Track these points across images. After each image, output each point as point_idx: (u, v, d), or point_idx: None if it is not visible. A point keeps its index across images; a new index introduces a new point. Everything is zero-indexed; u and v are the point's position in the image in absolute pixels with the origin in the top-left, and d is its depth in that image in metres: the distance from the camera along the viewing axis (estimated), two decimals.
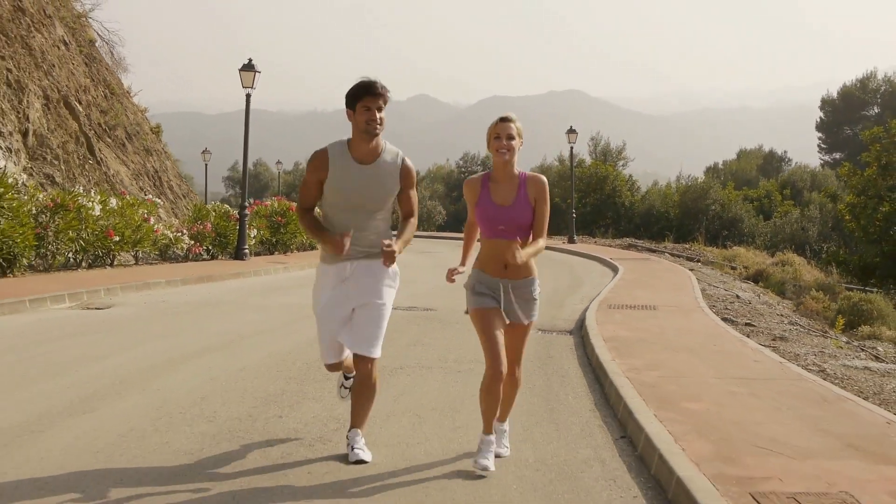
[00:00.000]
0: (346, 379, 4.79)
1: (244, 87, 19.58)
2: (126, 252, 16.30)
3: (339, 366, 4.55)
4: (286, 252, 22.32)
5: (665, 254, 26.53)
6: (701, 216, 42.59)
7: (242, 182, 20.45)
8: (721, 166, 67.46)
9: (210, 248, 19.24)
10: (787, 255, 27.00)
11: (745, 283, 19.60)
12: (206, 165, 47.96)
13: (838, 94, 66.25)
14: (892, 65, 73.11)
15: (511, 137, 4.18)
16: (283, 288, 13.91)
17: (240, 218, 19.29)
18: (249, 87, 19.56)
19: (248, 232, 19.70)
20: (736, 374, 6.57)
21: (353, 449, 4.36)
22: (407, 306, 10.90)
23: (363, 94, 4.15)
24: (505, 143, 4.17)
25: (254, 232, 20.47)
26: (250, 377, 6.45)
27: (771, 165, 67.83)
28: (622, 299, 12.17)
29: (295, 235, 22.06)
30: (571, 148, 35.06)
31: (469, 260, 4.47)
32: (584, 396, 6.19)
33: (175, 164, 26.52)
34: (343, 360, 4.54)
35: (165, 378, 6.36)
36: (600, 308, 10.95)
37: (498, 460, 4.34)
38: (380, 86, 4.16)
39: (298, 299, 11.77)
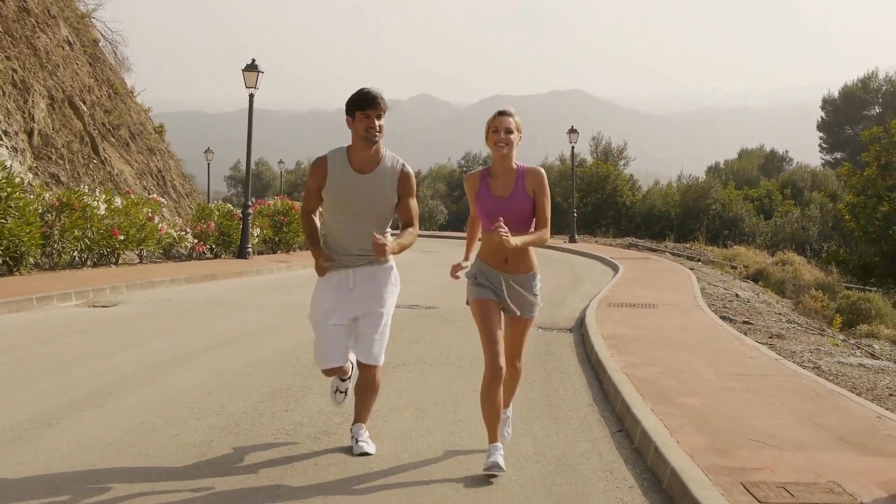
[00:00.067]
0: (342, 381, 4.76)
1: (247, 87, 19.71)
2: (130, 251, 16.45)
3: (335, 371, 4.55)
4: (289, 251, 22.46)
5: (666, 253, 26.64)
6: (702, 216, 42.71)
7: (245, 181, 20.58)
8: (722, 166, 67.56)
9: (213, 246, 19.39)
10: (787, 254, 27.12)
11: (745, 282, 19.70)
12: (209, 165, 48.09)
13: (839, 93, 66.32)
14: (894, 65, 73.14)
15: (509, 131, 4.17)
16: (285, 286, 14.04)
17: (243, 217, 19.43)
18: (253, 88, 19.69)
19: (251, 231, 19.84)
20: (732, 371, 6.69)
21: (357, 441, 4.49)
22: (409, 304, 11.03)
23: (363, 104, 4.21)
24: (503, 137, 4.16)
25: (257, 231, 20.61)
26: (256, 373, 6.59)
27: (772, 165, 67.93)
28: (622, 298, 12.29)
29: (297, 234, 22.18)
30: (573, 148, 35.19)
31: (472, 255, 4.49)
32: (583, 392, 6.31)
33: (178, 164, 26.66)
34: (340, 368, 4.53)
35: (172, 374, 6.49)
36: (600, 306, 11.08)
37: None
38: (379, 95, 4.22)
39: (301, 298, 11.88)
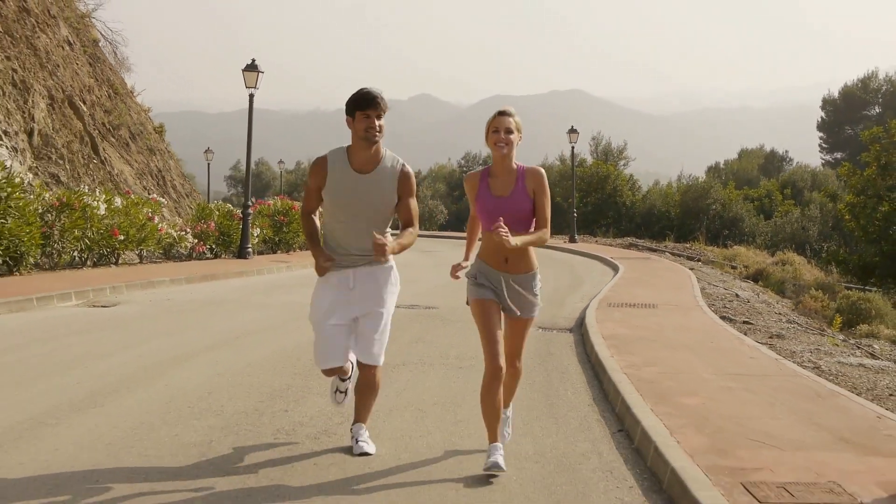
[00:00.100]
0: (342, 381, 4.75)
1: (247, 87, 19.71)
2: (130, 251, 16.45)
3: (335, 371, 4.54)
4: (289, 251, 22.46)
5: (666, 253, 26.64)
6: (702, 216, 42.74)
7: (245, 182, 20.59)
8: (722, 166, 67.60)
9: (213, 246, 19.39)
10: (787, 254, 27.13)
11: (745, 282, 19.70)
12: (209, 165, 48.10)
13: (839, 93, 66.36)
14: (894, 65, 73.17)
15: (509, 131, 4.17)
16: (285, 286, 14.04)
17: (243, 217, 19.44)
18: (253, 88, 19.69)
19: (251, 231, 19.84)
20: (732, 371, 6.69)
21: (357, 441, 4.49)
22: (409, 304, 11.03)
23: (363, 104, 4.22)
24: (503, 137, 4.16)
25: (257, 231, 20.61)
26: (256, 373, 6.59)
27: (772, 165, 67.96)
28: (622, 298, 12.29)
29: (297, 235, 22.19)
30: (573, 148, 35.20)
31: (472, 255, 4.48)
32: (583, 392, 6.31)
33: (178, 164, 26.66)
34: (340, 368, 4.52)
35: (172, 374, 6.49)
36: (600, 306, 11.08)
37: None
38: (379, 95, 4.22)
39: (301, 298, 11.88)
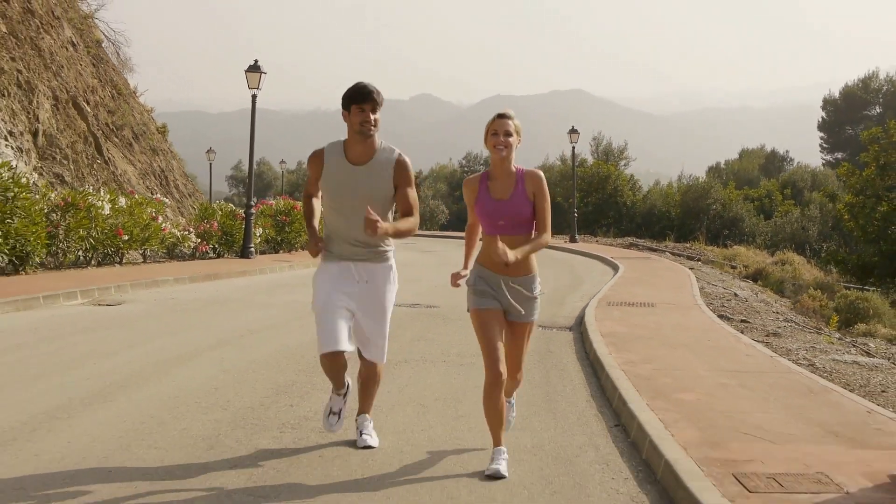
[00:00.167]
0: (338, 396, 4.60)
1: (250, 87, 19.86)
2: (134, 250, 16.59)
3: (338, 361, 4.35)
4: (291, 251, 22.60)
5: (666, 253, 26.78)
6: (702, 216, 42.87)
7: (248, 182, 20.72)
8: (723, 166, 67.68)
9: (216, 246, 19.53)
10: (786, 254, 27.26)
11: (745, 281, 19.83)
12: (211, 165, 48.25)
13: (840, 93, 66.38)
14: (894, 65, 73.23)
15: (508, 134, 4.18)
16: (288, 286, 14.17)
17: (246, 217, 19.58)
18: (255, 88, 19.84)
19: (254, 231, 19.99)
20: (728, 368, 6.82)
21: (361, 434, 4.62)
22: (411, 303, 11.16)
23: (358, 98, 4.27)
24: (502, 140, 4.17)
25: (259, 231, 20.76)
26: (261, 369, 6.73)
27: (773, 165, 68.05)
28: (621, 297, 12.42)
29: (299, 234, 22.33)
30: (573, 148, 35.35)
31: (471, 262, 4.47)
32: (581, 388, 6.44)
33: (181, 164, 26.80)
34: (343, 355, 4.35)
35: (179, 371, 6.63)
36: (599, 305, 11.21)
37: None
38: (374, 91, 4.26)
39: (304, 297, 12.01)
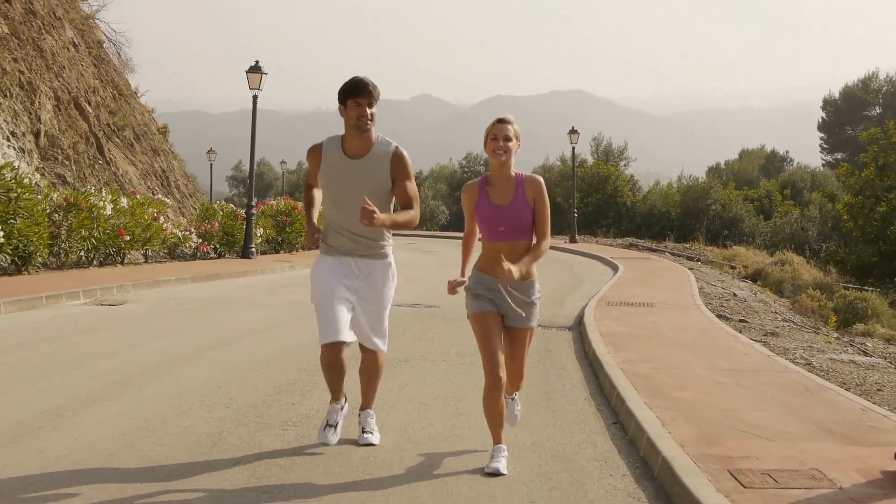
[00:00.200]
0: (336, 406, 4.60)
1: (251, 88, 19.93)
2: (136, 250, 16.65)
3: (339, 355, 4.37)
4: (291, 251, 22.67)
5: (665, 253, 26.84)
6: (702, 216, 42.94)
7: (249, 182, 20.78)
8: (723, 166, 67.76)
9: (217, 246, 19.60)
10: (786, 254, 27.30)
11: (744, 282, 19.88)
12: (212, 165, 48.33)
13: (840, 94, 66.48)
14: (894, 65, 73.27)
15: (508, 139, 4.17)
16: (289, 286, 14.23)
17: (246, 217, 19.65)
18: (256, 89, 19.91)
19: (255, 231, 20.06)
20: (725, 367, 6.89)
21: (363, 432, 4.69)
22: (411, 303, 11.22)
23: (355, 92, 4.28)
24: (502, 145, 4.17)
25: (260, 231, 20.83)
26: (263, 368, 6.79)
27: (773, 165, 68.13)
28: (621, 297, 12.49)
29: (300, 235, 22.39)
30: (573, 148, 35.40)
31: (467, 270, 4.39)
32: (580, 387, 6.51)
33: (182, 164, 26.86)
34: (343, 349, 4.36)
35: (181, 370, 6.69)
36: (599, 305, 11.27)
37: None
38: (370, 85, 4.27)
39: (305, 297, 12.05)
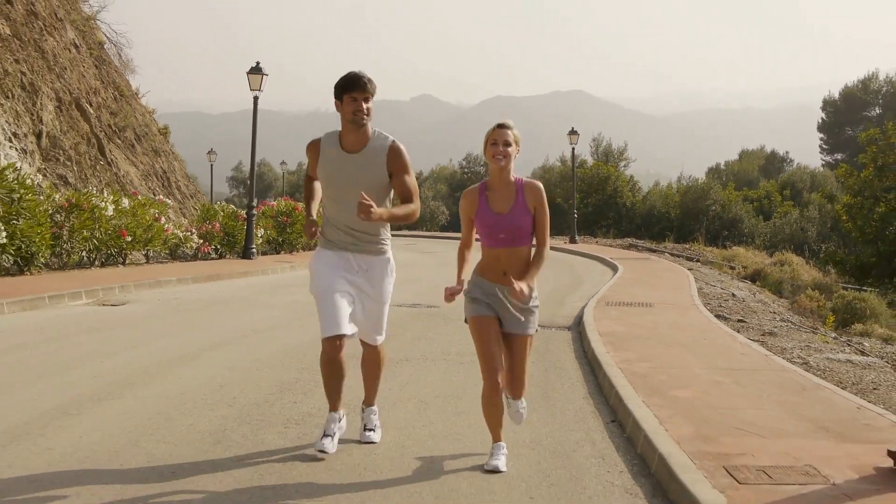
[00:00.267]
0: (334, 415, 4.51)
1: (252, 89, 19.99)
2: (137, 251, 16.72)
3: (338, 351, 4.37)
4: (292, 251, 22.73)
5: (665, 254, 26.91)
6: (701, 216, 43.01)
7: (250, 183, 20.85)
8: (723, 167, 67.85)
9: (218, 247, 19.67)
10: (785, 255, 27.36)
11: (743, 282, 19.95)
12: (212, 166, 48.40)
13: (840, 94, 66.56)
14: (894, 66, 73.33)
15: (507, 144, 4.18)
16: (290, 286, 14.30)
17: (247, 218, 19.72)
18: (257, 90, 19.97)
19: (255, 232, 20.12)
20: (723, 366, 6.95)
21: (365, 429, 4.74)
22: (412, 304, 11.28)
23: (350, 87, 4.27)
24: (501, 150, 4.17)
25: (260, 232, 20.90)
26: (265, 367, 6.86)
27: (773, 166, 68.21)
28: (620, 297, 12.55)
29: (300, 235, 22.47)
30: (573, 149, 35.47)
31: (464, 275, 4.28)
32: (578, 386, 6.58)
33: (182, 165, 26.94)
34: (343, 345, 4.37)
35: (184, 368, 6.76)
36: (598, 305, 11.34)
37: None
38: (366, 79, 4.26)
39: (305, 297, 12.11)
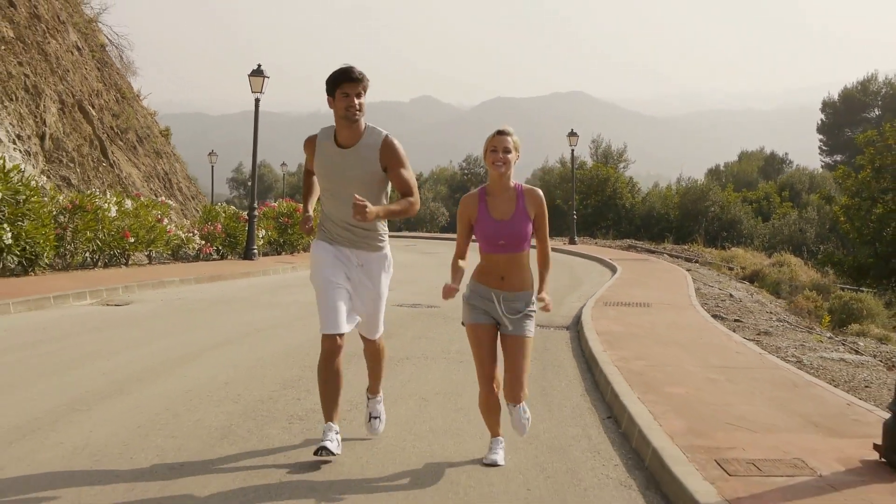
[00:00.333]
0: (331, 426, 4.41)
1: (253, 91, 20.14)
2: (140, 252, 16.86)
3: (336, 350, 4.37)
4: (293, 252, 22.87)
5: (664, 255, 27.05)
6: (700, 218, 43.16)
7: (251, 185, 21.00)
8: (722, 168, 68.00)
9: (220, 248, 19.81)
10: (784, 255, 27.49)
11: (741, 283, 20.08)
12: (213, 167, 48.54)
13: (839, 96, 66.70)
14: (893, 67, 73.58)
15: (507, 150, 4.20)
16: (291, 286, 14.43)
17: (249, 219, 19.87)
18: (258, 92, 20.12)
19: (257, 233, 20.26)
20: (717, 364, 7.09)
21: (371, 417, 4.86)
22: (412, 303, 11.42)
23: (342, 81, 4.22)
24: (501, 157, 4.19)
25: (262, 233, 21.04)
26: (268, 365, 6.99)
27: (772, 167, 68.37)
28: (618, 297, 12.69)
29: (301, 236, 22.61)
30: (573, 151, 35.63)
31: (459, 277, 4.27)
32: (576, 383, 6.71)
33: (184, 167, 27.08)
34: (342, 343, 4.35)
35: (189, 366, 6.90)
36: (596, 305, 11.47)
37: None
38: (357, 72, 4.21)
39: (307, 297, 12.28)
